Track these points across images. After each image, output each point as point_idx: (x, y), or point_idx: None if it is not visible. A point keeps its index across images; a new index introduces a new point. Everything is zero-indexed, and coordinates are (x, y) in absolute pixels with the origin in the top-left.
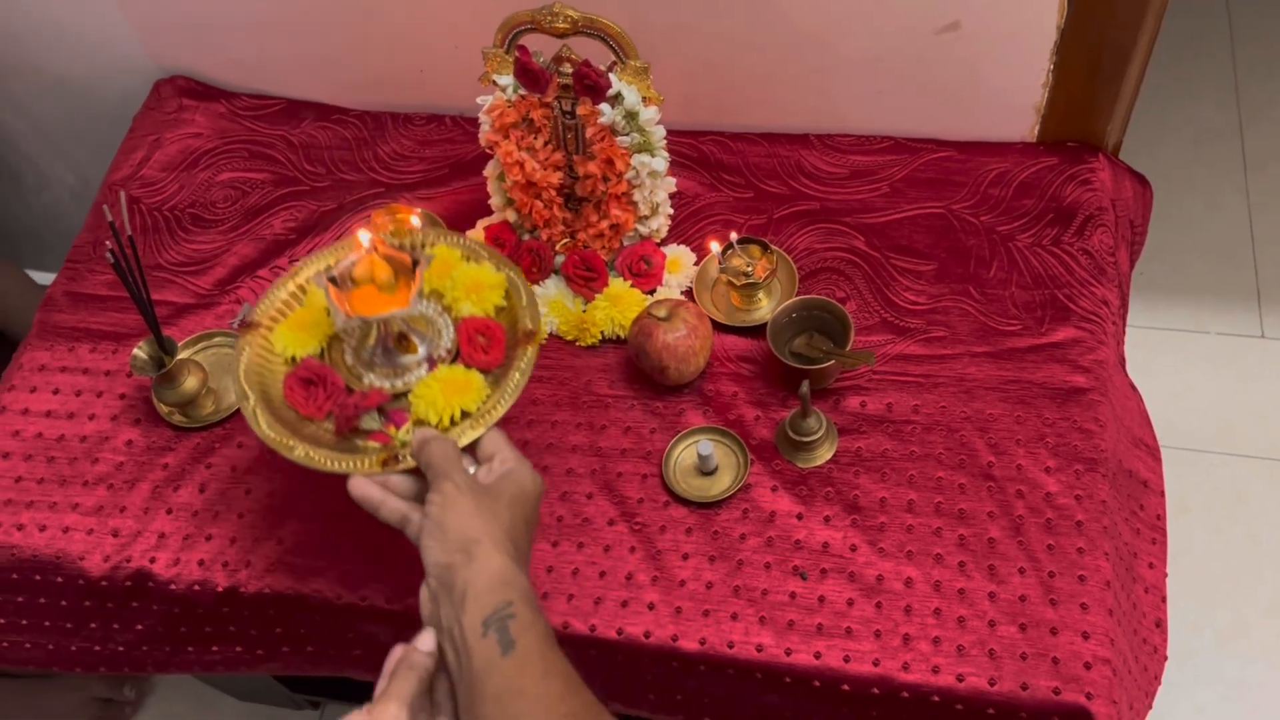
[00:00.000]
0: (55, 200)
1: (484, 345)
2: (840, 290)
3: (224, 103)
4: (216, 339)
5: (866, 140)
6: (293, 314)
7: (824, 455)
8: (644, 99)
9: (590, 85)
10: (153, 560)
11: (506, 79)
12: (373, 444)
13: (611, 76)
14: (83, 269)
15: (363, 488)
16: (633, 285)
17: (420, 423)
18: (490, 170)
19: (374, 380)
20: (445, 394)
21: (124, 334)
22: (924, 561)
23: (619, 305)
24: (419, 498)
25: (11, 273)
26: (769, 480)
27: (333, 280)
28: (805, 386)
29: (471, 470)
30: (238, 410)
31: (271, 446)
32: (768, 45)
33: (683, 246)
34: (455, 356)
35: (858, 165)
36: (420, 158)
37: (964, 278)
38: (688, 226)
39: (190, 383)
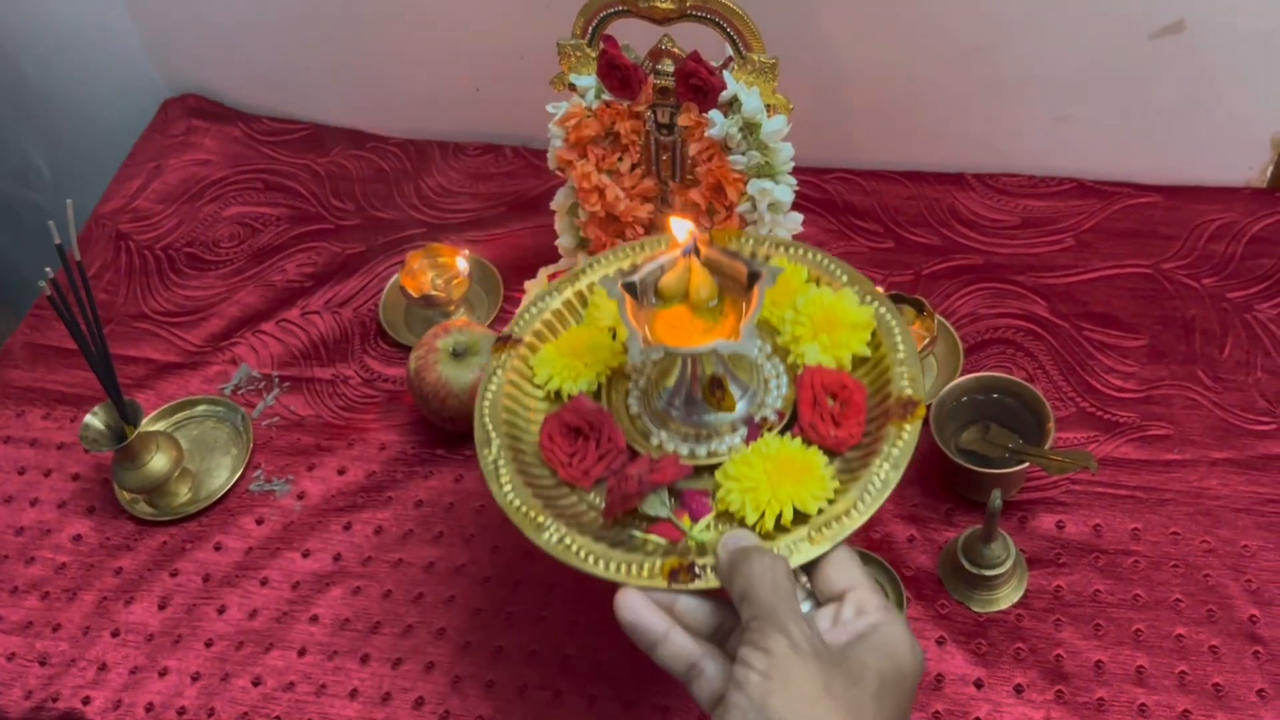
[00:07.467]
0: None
1: (835, 413)
2: (1020, 369)
3: (240, 125)
4: (200, 408)
5: (1041, 182)
6: (567, 332)
7: (1010, 596)
8: (768, 106)
9: (699, 85)
10: (86, 701)
11: (588, 79)
12: (654, 538)
13: (726, 76)
14: (50, 316)
15: (638, 608)
16: None
17: (728, 518)
18: (560, 201)
19: (666, 442)
20: (772, 479)
21: (88, 398)
22: None
23: None
24: (717, 636)
25: None
26: (932, 629)
27: (630, 289)
28: (997, 498)
29: (805, 608)
30: (218, 501)
31: (514, 522)
32: (915, 58)
33: None
34: (788, 423)
35: (1031, 211)
36: (472, 193)
37: (1188, 358)
38: None
39: (158, 462)
